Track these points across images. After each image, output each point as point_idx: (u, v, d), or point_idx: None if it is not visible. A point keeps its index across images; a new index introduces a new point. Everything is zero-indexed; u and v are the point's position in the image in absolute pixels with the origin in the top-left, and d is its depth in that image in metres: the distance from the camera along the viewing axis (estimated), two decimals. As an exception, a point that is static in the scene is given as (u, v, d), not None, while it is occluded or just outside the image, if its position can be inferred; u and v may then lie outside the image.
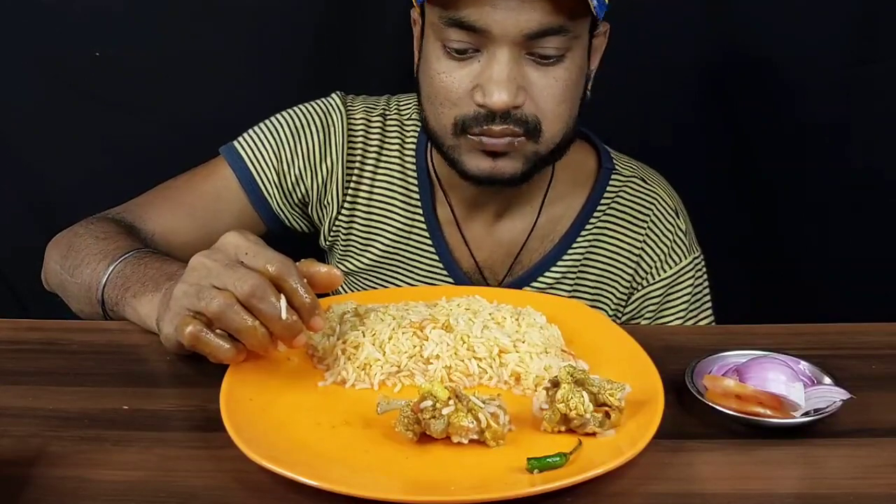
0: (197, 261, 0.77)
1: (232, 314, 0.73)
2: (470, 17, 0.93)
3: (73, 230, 1.03)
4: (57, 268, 1.01)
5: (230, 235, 0.78)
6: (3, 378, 0.81)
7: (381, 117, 1.14)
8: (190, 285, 0.76)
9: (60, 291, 1.02)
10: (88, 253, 0.97)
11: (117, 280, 0.91)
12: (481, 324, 0.81)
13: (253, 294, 0.72)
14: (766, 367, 0.76)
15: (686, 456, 0.70)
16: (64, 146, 1.48)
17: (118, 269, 0.92)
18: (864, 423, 0.75)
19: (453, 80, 0.97)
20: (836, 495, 0.66)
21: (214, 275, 0.75)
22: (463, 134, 0.98)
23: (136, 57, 1.43)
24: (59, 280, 1.01)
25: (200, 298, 0.74)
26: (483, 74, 0.95)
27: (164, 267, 0.89)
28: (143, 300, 0.86)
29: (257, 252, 0.75)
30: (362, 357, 0.78)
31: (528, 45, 0.94)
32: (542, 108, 0.97)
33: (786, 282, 1.51)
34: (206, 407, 0.75)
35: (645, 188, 1.14)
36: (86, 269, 0.95)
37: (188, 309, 0.75)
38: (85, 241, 0.99)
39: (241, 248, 0.76)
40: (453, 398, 0.69)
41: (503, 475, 0.66)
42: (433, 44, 0.99)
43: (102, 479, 0.66)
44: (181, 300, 0.76)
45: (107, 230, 1.01)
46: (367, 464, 0.67)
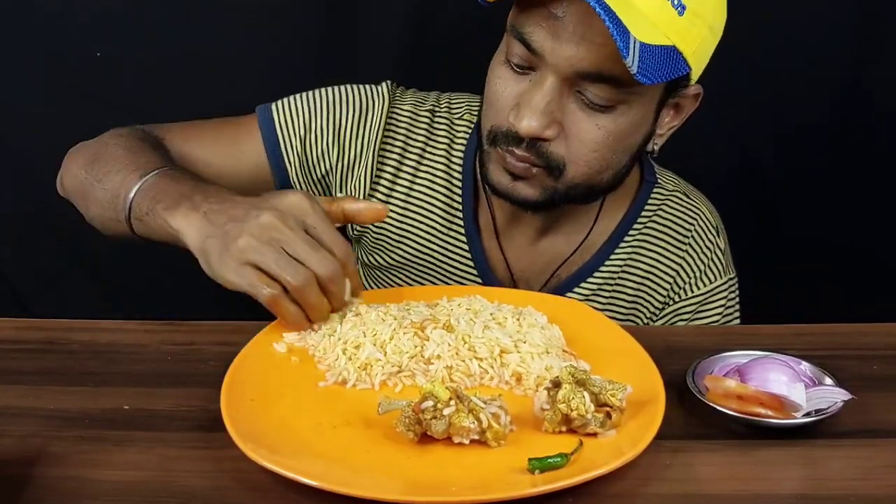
0: (267, 219, 0.79)
1: (312, 291, 0.79)
2: (531, 35, 0.91)
3: (100, 140, 1.03)
4: (81, 173, 1.00)
5: (297, 197, 0.82)
6: (4, 378, 0.81)
7: (429, 113, 1.12)
8: (261, 243, 0.78)
9: (78, 197, 1.03)
10: (119, 161, 0.96)
11: (149, 191, 0.90)
12: (482, 324, 0.81)
13: (332, 279, 0.80)
14: (768, 367, 0.76)
15: (687, 456, 0.70)
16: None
17: (151, 181, 0.91)
18: (864, 423, 0.75)
19: (503, 89, 0.96)
20: (836, 496, 0.66)
21: (290, 244, 0.79)
22: (493, 144, 0.97)
23: (136, 57, 1.43)
24: (80, 185, 1.01)
25: (281, 267, 0.78)
26: (525, 95, 0.93)
27: (199, 186, 0.89)
28: (177, 214, 0.85)
29: (324, 228, 0.81)
30: (363, 357, 0.78)
31: (579, 84, 0.91)
32: (571, 150, 0.94)
33: (787, 282, 1.51)
34: (206, 407, 0.75)
35: (688, 203, 1.13)
36: (115, 176, 0.95)
37: (258, 266, 0.78)
38: (115, 150, 0.98)
39: (307, 215, 0.81)
40: (454, 398, 0.69)
41: (504, 475, 0.66)
42: (503, 47, 0.97)
43: (103, 479, 0.66)
44: (248, 254, 0.78)
45: (138, 143, 1.00)
46: (368, 464, 0.67)
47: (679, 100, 0.99)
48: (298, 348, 0.82)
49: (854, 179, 1.48)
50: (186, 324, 0.90)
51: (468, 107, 1.13)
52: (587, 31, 0.87)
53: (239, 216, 0.81)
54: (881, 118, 1.45)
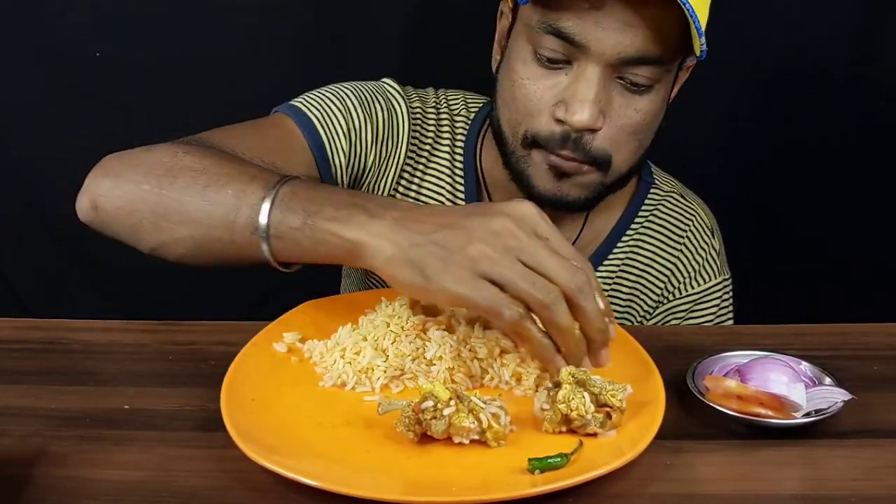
0: (501, 225, 0.70)
1: (562, 311, 0.69)
2: (572, 28, 0.90)
3: (156, 151, 0.87)
4: (148, 188, 0.83)
5: (528, 206, 0.72)
6: (4, 377, 0.81)
7: (434, 110, 1.11)
8: (498, 253, 0.69)
9: (139, 219, 0.84)
10: (219, 172, 0.81)
11: (292, 202, 0.77)
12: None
13: (583, 291, 0.69)
14: (768, 367, 0.76)
15: (687, 457, 0.70)
16: (64, 146, 1.48)
17: (286, 191, 0.78)
18: (865, 423, 0.75)
19: (537, 88, 0.94)
20: (837, 496, 0.66)
21: (532, 254, 0.69)
22: (533, 147, 0.96)
23: (136, 57, 1.43)
24: (150, 205, 0.83)
25: (527, 281, 0.68)
26: (569, 89, 0.92)
27: (355, 192, 0.80)
28: (352, 225, 0.74)
29: (560, 239, 0.71)
30: (364, 362, 0.78)
31: (621, 70, 0.91)
32: (614, 139, 0.94)
33: (787, 282, 1.51)
34: (206, 407, 0.75)
35: (684, 204, 1.14)
36: (225, 189, 0.80)
37: (495, 280, 0.69)
38: (200, 159, 0.84)
39: (539, 225, 0.71)
40: (454, 399, 0.69)
41: (504, 476, 0.66)
42: (523, 46, 0.95)
43: (103, 479, 0.66)
44: (483, 264, 0.69)
45: (217, 153, 0.86)
46: (368, 464, 0.67)
47: (680, 73, 1.00)
48: (298, 348, 0.82)
49: (854, 179, 1.48)
50: (186, 324, 0.90)
51: (464, 102, 1.13)
52: (629, 16, 0.88)
53: (454, 223, 0.71)
54: (882, 118, 1.45)
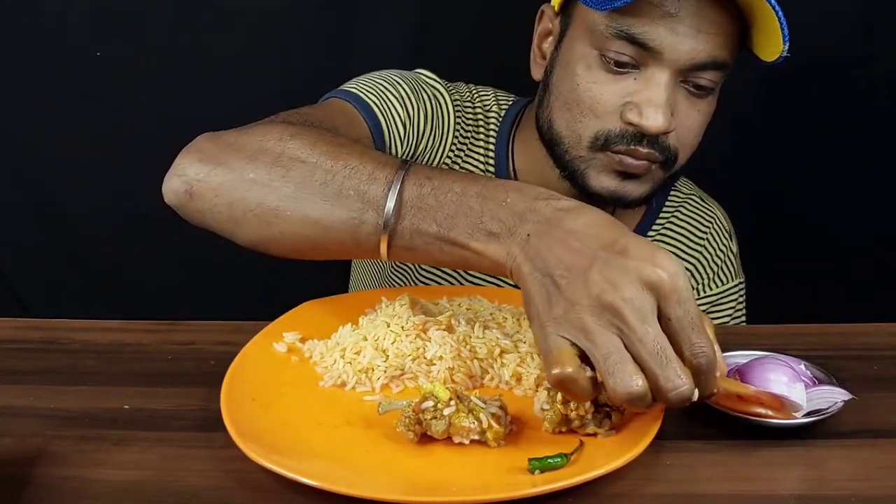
0: (618, 300, 0.61)
1: (640, 402, 0.62)
2: (646, 34, 0.91)
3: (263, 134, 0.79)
4: (250, 177, 0.76)
5: (672, 267, 0.62)
6: (4, 377, 0.81)
7: (470, 104, 1.11)
8: (599, 327, 0.62)
9: (244, 209, 0.77)
10: (336, 168, 0.74)
11: (422, 211, 0.71)
12: (482, 324, 0.81)
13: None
14: (768, 367, 0.76)
15: (687, 457, 0.70)
16: (64, 146, 1.49)
17: (415, 193, 0.71)
18: (865, 424, 0.75)
19: (604, 92, 0.94)
20: (837, 496, 0.66)
21: (638, 338, 0.61)
22: (602, 150, 0.96)
23: (136, 57, 1.43)
24: (259, 198, 0.76)
25: (608, 371, 0.61)
26: (640, 94, 0.93)
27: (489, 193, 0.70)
28: (490, 243, 0.69)
29: (692, 323, 0.62)
30: (364, 362, 0.78)
31: (688, 74, 0.93)
32: (681, 139, 0.96)
33: (787, 282, 1.51)
34: (206, 407, 0.75)
35: (704, 207, 1.15)
36: (346, 188, 0.73)
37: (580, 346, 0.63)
38: (312, 150, 0.76)
39: (671, 299, 0.61)
40: (454, 399, 0.69)
41: (504, 476, 0.66)
42: (585, 49, 0.95)
43: (103, 479, 0.66)
44: (576, 333, 0.63)
45: (330, 140, 0.79)
46: (368, 464, 0.67)
47: None
48: (298, 348, 0.82)
49: (855, 179, 1.48)
50: (186, 324, 0.90)
51: (495, 98, 1.12)
52: (702, 23, 0.90)
53: (576, 268, 0.63)
54: (883, 117, 1.45)
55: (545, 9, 1.04)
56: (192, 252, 1.32)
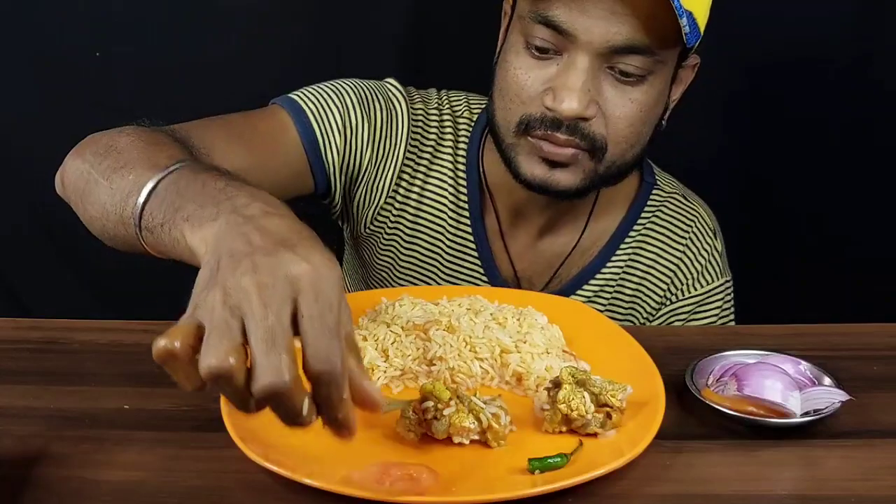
0: (249, 283, 0.58)
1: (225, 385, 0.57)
2: (559, 17, 0.90)
3: (115, 132, 0.85)
4: (86, 167, 0.82)
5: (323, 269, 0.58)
6: (5, 378, 0.81)
7: (437, 111, 1.11)
8: (222, 304, 0.58)
9: (79, 197, 0.83)
10: (134, 157, 0.77)
11: (167, 195, 0.71)
12: (483, 324, 0.81)
13: (264, 397, 0.56)
14: (765, 373, 0.76)
15: (687, 457, 0.70)
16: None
17: (170, 181, 0.72)
18: (864, 424, 0.75)
19: (528, 77, 0.95)
20: (836, 496, 0.66)
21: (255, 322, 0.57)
22: (525, 134, 0.96)
23: (136, 57, 1.43)
24: (83, 182, 0.82)
25: (210, 344, 0.57)
26: (557, 78, 0.93)
27: (229, 189, 0.68)
28: (197, 228, 0.66)
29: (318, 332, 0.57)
30: (364, 362, 0.78)
31: (611, 59, 0.92)
32: (610, 128, 0.95)
33: (787, 282, 1.51)
34: (206, 407, 0.75)
35: (686, 205, 1.14)
36: (128, 174, 0.76)
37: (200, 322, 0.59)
38: (132, 143, 0.80)
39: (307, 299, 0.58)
40: (455, 399, 0.69)
41: (504, 476, 0.66)
42: (516, 37, 0.96)
43: (103, 479, 0.67)
44: (201, 308, 0.59)
45: (160, 137, 0.83)
46: (368, 464, 0.67)
47: (681, 71, 1.00)
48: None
49: (854, 179, 1.48)
50: (186, 324, 0.90)
51: (467, 103, 1.12)
52: (617, 5, 0.89)
53: (241, 255, 0.60)
54: (882, 116, 1.45)
55: (505, 4, 1.04)
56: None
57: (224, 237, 0.62)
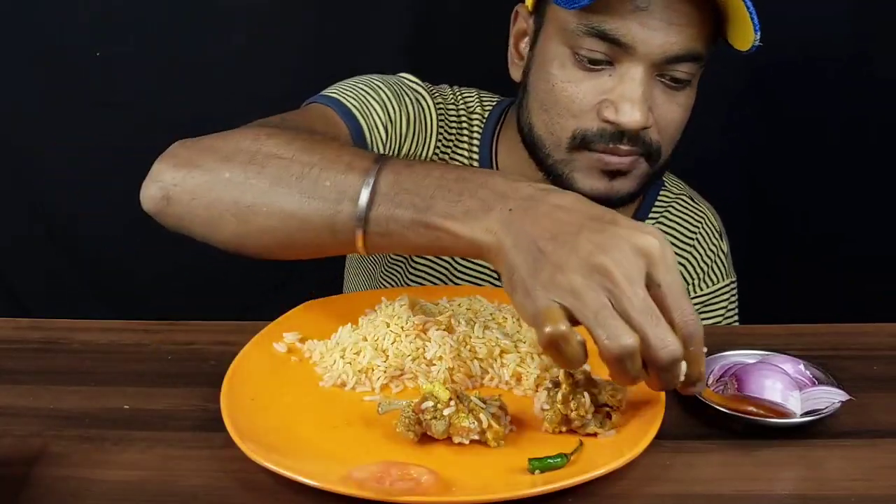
0: (606, 262, 0.61)
1: (631, 364, 0.62)
2: (617, 30, 0.90)
3: (232, 136, 0.80)
4: (234, 177, 0.76)
5: (655, 239, 0.63)
6: (4, 377, 0.81)
7: (454, 106, 1.11)
8: (587, 288, 0.61)
9: (225, 210, 0.76)
10: (308, 160, 0.74)
11: (396, 197, 0.70)
12: (482, 324, 0.81)
13: (667, 366, 0.62)
14: (765, 373, 0.76)
15: (687, 457, 0.70)
16: (64, 146, 1.49)
17: (391, 181, 0.71)
18: (865, 424, 0.75)
19: (579, 90, 0.94)
20: (837, 496, 0.66)
21: (625, 304, 0.61)
22: (581, 149, 0.95)
23: (136, 57, 1.43)
24: (236, 194, 0.76)
25: (600, 324, 0.61)
26: (615, 90, 0.92)
27: (468, 176, 0.70)
28: (467, 221, 0.67)
29: (678, 292, 0.63)
30: (364, 362, 0.78)
31: (663, 68, 0.93)
32: (662, 133, 0.96)
33: (787, 282, 1.51)
34: (206, 407, 0.75)
35: (693, 207, 1.14)
36: (321, 180, 0.73)
37: (569, 309, 0.62)
38: (286, 143, 0.77)
39: (659, 267, 0.62)
40: (454, 399, 0.69)
41: (504, 476, 0.66)
42: (558, 48, 0.95)
43: (103, 479, 0.66)
44: (564, 296, 0.62)
45: (308, 136, 0.80)
46: (368, 464, 0.67)
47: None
48: (298, 348, 0.82)
49: (854, 178, 1.48)
50: (186, 324, 0.90)
51: (478, 99, 1.12)
52: (673, 15, 0.90)
53: (563, 235, 0.63)
54: (882, 116, 1.45)
55: (519, 9, 1.04)
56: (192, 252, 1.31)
57: (520, 222, 0.65)
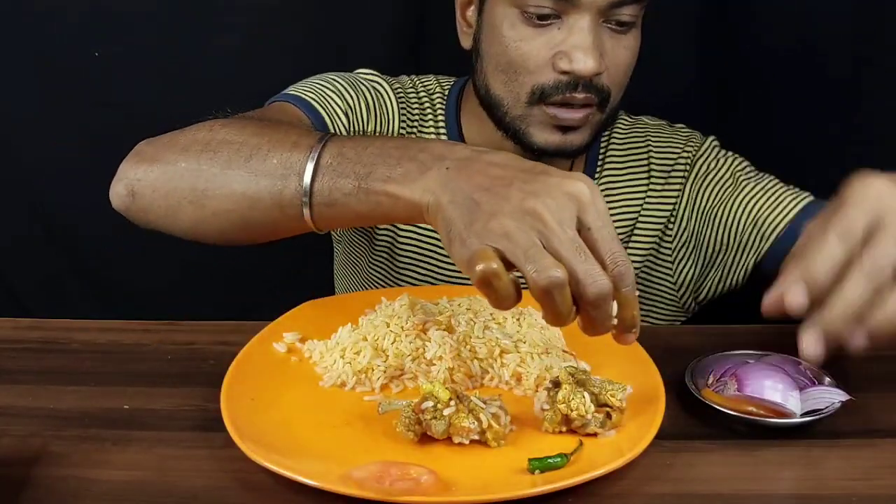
0: (537, 206, 0.63)
1: (559, 297, 0.62)
2: None
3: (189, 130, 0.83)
4: (188, 166, 0.79)
5: (583, 185, 0.65)
6: (4, 377, 0.81)
7: (413, 90, 1.13)
8: (518, 230, 0.63)
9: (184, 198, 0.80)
10: (257, 142, 0.78)
11: (339, 167, 0.73)
12: (482, 324, 0.81)
13: (595, 302, 0.63)
14: (765, 373, 0.76)
15: (687, 457, 0.70)
16: (64, 146, 1.48)
17: (335, 153, 0.74)
18: (864, 423, 0.75)
19: (532, 47, 0.96)
20: (836, 496, 0.66)
21: (554, 241, 0.63)
22: (538, 104, 0.98)
23: (136, 57, 1.43)
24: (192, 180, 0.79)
25: (529, 258, 0.62)
26: (567, 41, 0.94)
27: (408, 143, 0.73)
28: (406, 183, 0.69)
29: (607, 233, 0.64)
30: (364, 362, 0.78)
31: (608, 13, 0.95)
32: (612, 77, 0.98)
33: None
34: (206, 407, 0.75)
35: (630, 119, 1.16)
36: (269, 158, 0.76)
37: (501, 253, 0.63)
38: (238, 130, 0.80)
39: (588, 211, 0.64)
40: (454, 399, 0.69)
41: (504, 476, 0.66)
42: (507, 10, 0.97)
43: (103, 479, 0.66)
44: (497, 239, 0.63)
45: (255, 121, 0.84)
46: (368, 464, 0.67)
47: None
48: (298, 348, 0.82)
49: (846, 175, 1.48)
50: (186, 324, 0.90)
51: (437, 81, 1.15)
52: None
53: (496, 186, 0.66)
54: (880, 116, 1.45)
55: None
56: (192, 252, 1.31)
57: (456, 179, 0.67)
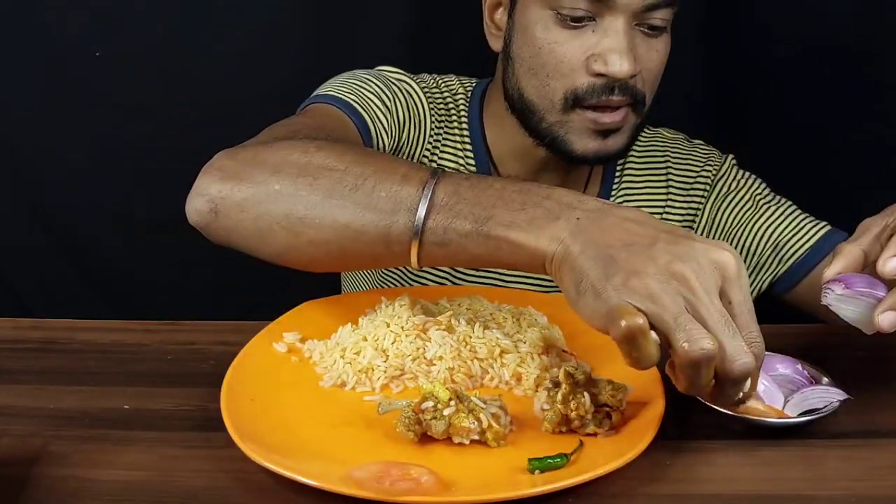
0: (684, 270, 0.62)
1: (706, 370, 0.61)
2: None
3: (287, 147, 0.79)
4: (276, 189, 0.75)
5: (731, 256, 0.63)
6: (4, 377, 0.81)
7: (438, 90, 1.13)
8: (664, 292, 0.61)
9: (276, 223, 0.76)
10: (361, 171, 0.74)
11: (456, 206, 0.70)
12: (482, 324, 0.81)
13: (737, 382, 0.62)
14: (763, 374, 0.75)
15: (687, 457, 0.70)
16: (64, 146, 1.48)
17: (449, 191, 0.71)
18: (865, 423, 0.75)
19: (566, 50, 0.96)
20: (836, 496, 0.66)
21: (702, 311, 0.61)
22: (574, 109, 0.98)
23: (136, 57, 1.43)
24: (289, 206, 0.75)
25: (679, 326, 0.60)
26: (601, 44, 0.95)
27: (531, 188, 0.70)
28: (532, 230, 0.67)
29: (750, 313, 0.63)
30: (364, 362, 0.78)
31: (641, 17, 0.95)
32: (645, 81, 0.98)
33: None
34: (206, 407, 0.75)
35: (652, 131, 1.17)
36: (376, 191, 0.72)
37: (645, 312, 0.61)
38: (338, 155, 0.76)
39: (733, 285, 0.63)
40: (454, 399, 0.69)
41: (504, 476, 0.66)
42: (540, 12, 0.97)
43: (103, 479, 0.66)
44: (641, 300, 0.61)
45: (359, 148, 0.83)
46: (369, 464, 0.67)
47: None
48: (298, 348, 0.82)
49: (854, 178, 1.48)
50: (186, 324, 0.90)
51: (459, 82, 1.15)
52: None
53: (636, 245, 0.64)
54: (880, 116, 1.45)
55: None
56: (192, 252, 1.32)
57: (588, 231, 0.65)
